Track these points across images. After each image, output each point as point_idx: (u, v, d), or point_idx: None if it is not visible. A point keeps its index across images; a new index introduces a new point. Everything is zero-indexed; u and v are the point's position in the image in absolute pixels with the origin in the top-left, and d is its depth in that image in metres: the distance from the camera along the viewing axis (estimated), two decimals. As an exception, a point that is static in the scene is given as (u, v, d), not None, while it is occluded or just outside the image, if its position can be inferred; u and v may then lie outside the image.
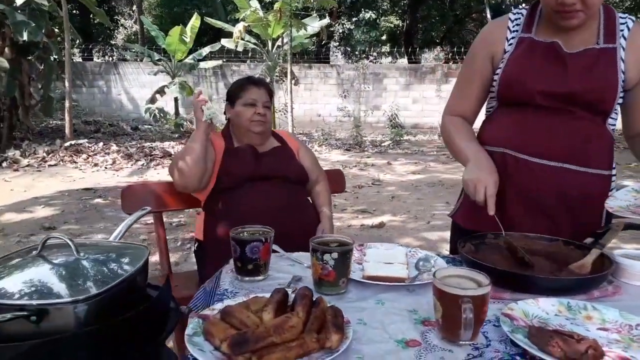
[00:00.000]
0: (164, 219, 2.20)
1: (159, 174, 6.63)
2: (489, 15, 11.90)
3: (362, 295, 1.13)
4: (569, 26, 1.33)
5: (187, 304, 1.17)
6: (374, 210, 4.99)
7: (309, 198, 2.14)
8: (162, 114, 10.71)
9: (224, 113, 2.15)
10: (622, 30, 1.38)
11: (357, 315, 1.01)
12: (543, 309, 1.04)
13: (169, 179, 2.03)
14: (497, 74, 1.47)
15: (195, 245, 2.08)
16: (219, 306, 1.00)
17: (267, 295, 1.03)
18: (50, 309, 0.91)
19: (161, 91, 10.97)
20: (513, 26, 1.48)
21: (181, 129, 10.66)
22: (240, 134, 2.04)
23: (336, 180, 2.32)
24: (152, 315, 1.06)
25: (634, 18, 1.41)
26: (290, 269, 1.30)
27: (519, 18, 1.48)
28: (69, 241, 1.09)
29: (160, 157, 7.93)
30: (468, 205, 1.55)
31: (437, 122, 11.90)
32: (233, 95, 2.07)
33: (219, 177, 1.95)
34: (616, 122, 1.45)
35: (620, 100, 1.39)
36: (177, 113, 11.51)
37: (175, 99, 11.36)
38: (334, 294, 1.12)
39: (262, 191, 1.93)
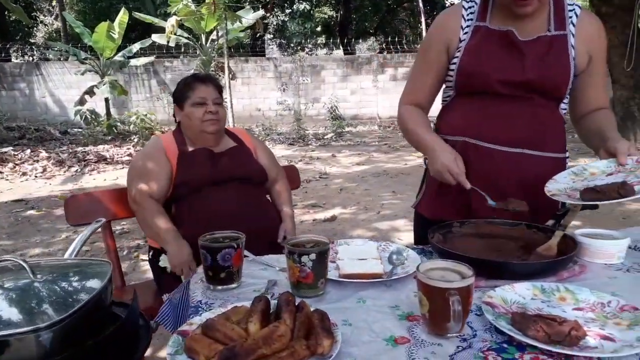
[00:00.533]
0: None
1: (95, 180, 6.30)
2: (420, 5, 12.17)
3: (342, 294, 1.11)
4: (524, 13, 1.36)
5: (148, 316, 1.10)
6: (324, 203, 4.99)
7: (268, 197, 2.10)
8: (93, 116, 10.18)
9: (173, 116, 2.06)
10: (570, 17, 1.43)
11: (341, 316, 0.99)
12: (519, 294, 1.07)
13: (107, 184, 1.94)
14: (454, 63, 1.47)
15: (150, 253, 1.98)
16: (197, 320, 0.95)
17: (246, 303, 0.99)
18: (10, 340, 0.83)
19: (90, 92, 10.43)
20: (467, 14, 1.48)
21: (115, 131, 10.19)
22: (194, 136, 1.95)
23: (290, 176, 2.28)
24: (122, 336, 0.99)
25: (580, 4, 1.46)
26: (262, 273, 1.26)
27: (473, 6, 1.48)
28: (22, 263, 0.99)
29: (95, 162, 7.54)
30: (431, 196, 1.57)
31: (375, 113, 12.10)
32: (180, 96, 1.98)
33: (175, 186, 1.87)
34: (567, 106, 1.51)
35: (570, 86, 1.44)
36: (108, 114, 10.98)
37: (106, 100, 10.83)
38: (314, 296, 1.09)
39: (221, 194, 1.87)
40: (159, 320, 1.26)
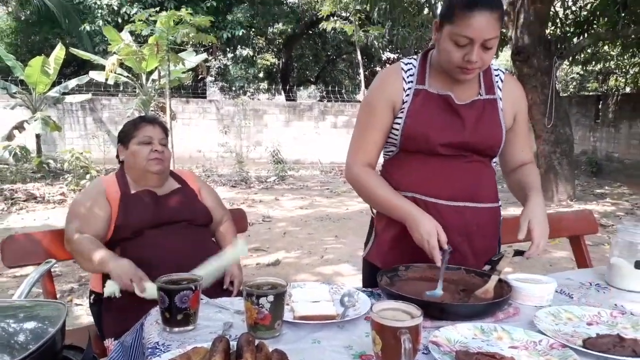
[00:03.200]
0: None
1: (24, 220, 5.96)
2: (359, 57, 12.76)
3: (298, 335, 1.15)
4: (465, 80, 1.48)
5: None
6: (268, 247, 4.99)
7: (213, 239, 2.10)
8: (24, 152, 9.69)
9: (117, 156, 2.05)
10: (497, 82, 1.58)
11: (298, 356, 1.03)
12: (462, 334, 1.16)
13: (37, 224, 1.89)
14: (398, 123, 1.54)
15: (92, 298, 1.92)
16: (157, 362, 0.96)
17: (204, 344, 1.01)
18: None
19: (20, 127, 9.93)
20: (407, 76, 1.55)
21: (46, 168, 9.73)
22: (137, 176, 1.94)
23: (237, 219, 2.28)
24: (76, 380, 0.97)
25: (504, 69, 1.63)
26: (217, 315, 1.27)
27: (411, 69, 1.56)
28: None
29: (24, 201, 7.15)
30: (383, 246, 1.61)
31: (317, 158, 12.33)
32: (126, 136, 1.98)
33: (116, 228, 1.84)
34: (497, 159, 1.67)
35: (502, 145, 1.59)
36: (39, 151, 10.49)
37: (37, 136, 10.37)
38: (271, 337, 1.12)
39: (164, 237, 1.85)
40: (110, 364, 1.24)
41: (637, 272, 1.49)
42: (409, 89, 1.54)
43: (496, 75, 1.59)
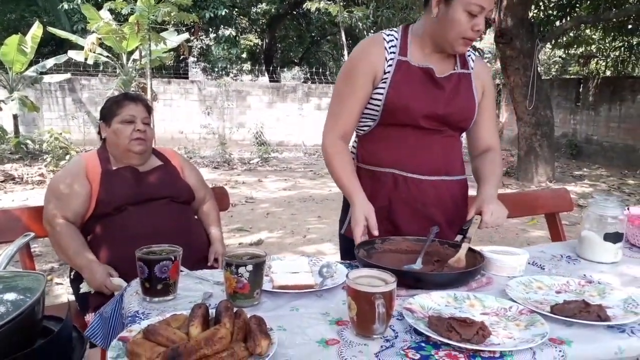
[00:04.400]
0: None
1: (2, 200, 5.87)
2: (343, 39, 12.69)
3: (277, 304, 1.18)
4: (462, 52, 1.55)
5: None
6: (250, 227, 5.01)
7: (196, 217, 2.11)
8: (1, 133, 9.50)
9: (98, 133, 2.03)
10: (469, 61, 1.64)
11: (277, 322, 1.06)
12: (435, 301, 1.19)
13: (16, 205, 1.90)
14: (380, 94, 1.54)
15: (72, 274, 1.92)
16: (136, 327, 0.97)
17: (184, 312, 1.03)
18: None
19: (-4, 107, 9.74)
20: (389, 47, 1.56)
21: (24, 149, 9.57)
22: (119, 154, 1.93)
23: (219, 198, 2.30)
24: (56, 348, 0.99)
25: (474, 52, 1.67)
26: (197, 286, 1.29)
27: (393, 40, 1.57)
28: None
29: (2, 182, 7.03)
30: None
31: (301, 140, 12.31)
32: (108, 113, 1.96)
33: (97, 204, 1.84)
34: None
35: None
36: (17, 131, 10.29)
37: (15, 116, 10.16)
38: (249, 306, 1.15)
39: (146, 214, 1.86)
40: (88, 334, 1.26)
41: (606, 244, 1.54)
42: (391, 59, 1.55)
43: (468, 56, 1.65)
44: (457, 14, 1.44)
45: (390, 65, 1.55)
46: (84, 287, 1.82)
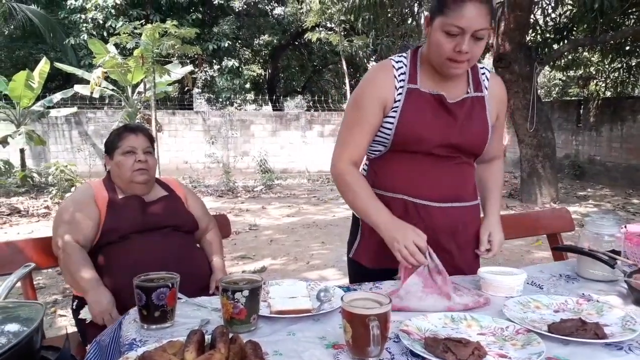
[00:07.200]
0: (17, 284, 2.02)
1: (7, 234, 5.91)
2: (344, 66, 12.88)
3: (273, 329, 1.18)
4: (454, 74, 1.48)
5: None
6: (254, 255, 5.00)
7: (198, 246, 2.12)
8: (7, 167, 9.61)
9: (104, 165, 2.07)
10: (483, 81, 1.60)
11: (273, 347, 1.06)
12: (432, 322, 1.20)
13: (21, 238, 1.90)
14: (390, 122, 1.51)
15: (75, 303, 1.93)
16: (133, 354, 0.98)
17: (181, 339, 1.03)
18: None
19: (4, 141, 9.86)
20: (399, 75, 1.52)
21: (30, 182, 9.66)
22: (123, 185, 1.97)
23: (221, 225, 2.32)
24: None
25: (489, 68, 1.65)
26: (195, 313, 1.30)
27: (402, 67, 1.54)
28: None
29: (7, 215, 7.09)
30: (370, 246, 1.61)
31: (304, 167, 12.37)
32: (110, 146, 2.01)
33: (103, 233, 1.87)
34: None
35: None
36: (23, 165, 10.42)
37: (22, 150, 10.29)
38: (246, 332, 1.15)
39: (150, 243, 1.88)
40: (86, 363, 1.26)
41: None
42: (401, 87, 1.52)
43: (482, 74, 1.61)
44: (436, 34, 1.41)
45: (400, 94, 1.52)
46: (83, 314, 1.81)
